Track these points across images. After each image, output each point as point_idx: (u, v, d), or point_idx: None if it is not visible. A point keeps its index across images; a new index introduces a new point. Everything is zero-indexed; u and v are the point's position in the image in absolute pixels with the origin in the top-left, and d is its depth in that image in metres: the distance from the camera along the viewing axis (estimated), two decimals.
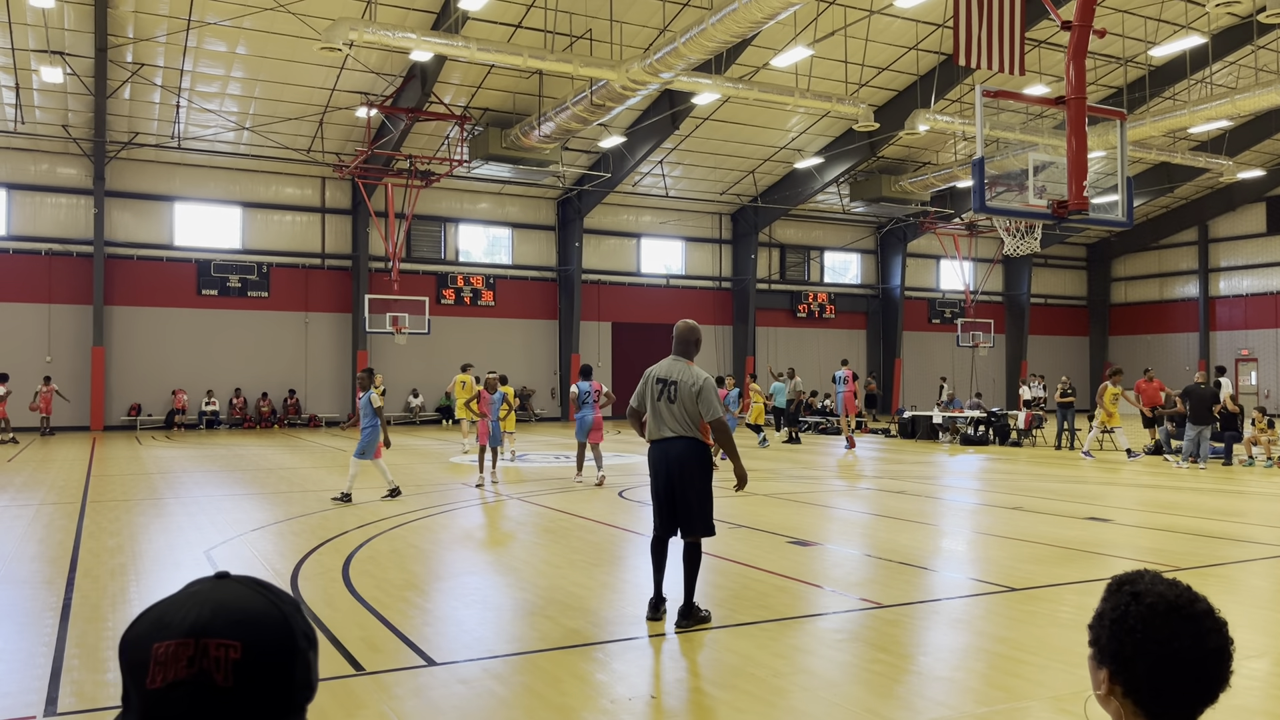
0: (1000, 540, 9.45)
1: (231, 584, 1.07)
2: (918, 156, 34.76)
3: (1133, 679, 1.51)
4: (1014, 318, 43.87)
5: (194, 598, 1.05)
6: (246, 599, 1.05)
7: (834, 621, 6.30)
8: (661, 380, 6.20)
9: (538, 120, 25.85)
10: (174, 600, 1.06)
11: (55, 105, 26.21)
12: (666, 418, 6.14)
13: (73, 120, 26.90)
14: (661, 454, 6.15)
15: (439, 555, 8.68)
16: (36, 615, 6.38)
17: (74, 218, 28.35)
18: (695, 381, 6.12)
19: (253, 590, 1.07)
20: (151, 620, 1.04)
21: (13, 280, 27.60)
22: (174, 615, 1.03)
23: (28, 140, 27.19)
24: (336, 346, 31.74)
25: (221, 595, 1.05)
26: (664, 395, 6.16)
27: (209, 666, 1.00)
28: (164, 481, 14.63)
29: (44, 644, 5.68)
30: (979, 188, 8.03)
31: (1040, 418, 24.16)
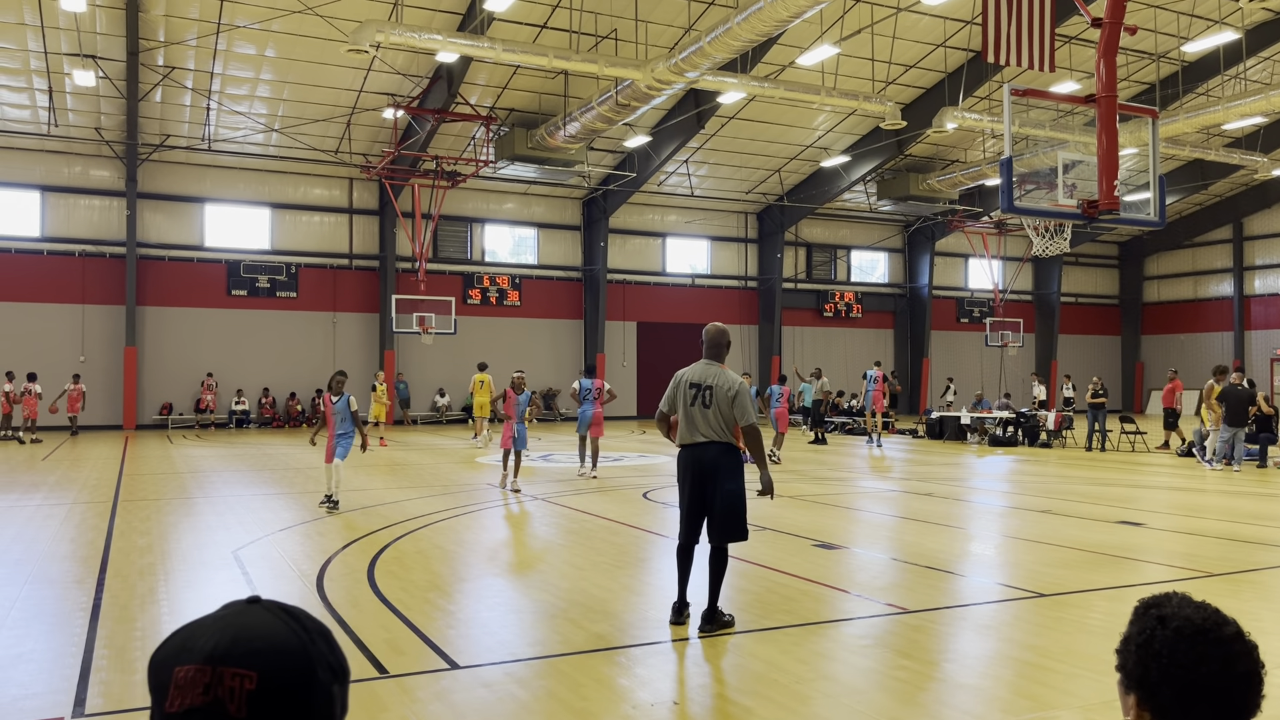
0: (1029, 544, 9.33)
1: (258, 610, 1.06)
2: (946, 154, 34.47)
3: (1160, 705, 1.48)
4: (1044, 317, 43.38)
5: (219, 622, 1.04)
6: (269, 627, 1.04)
7: (859, 627, 6.25)
8: (695, 385, 6.13)
9: (563, 120, 25.89)
10: (201, 623, 1.06)
11: (88, 108, 26.58)
12: (700, 422, 6.07)
13: (105, 123, 27.26)
14: (694, 458, 6.08)
15: (463, 557, 8.71)
16: (67, 615, 6.46)
17: (106, 219, 28.74)
18: (731, 386, 6.08)
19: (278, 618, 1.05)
20: (177, 642, 1.04)
21: (47, 281, 28.02)
22: (198, 639, 1.03)
23: (61, 143, 27.59)
24: (364, 346, 31.96)
25: (245, 621, 1.04)
26: (699, 400, 6.09)
27: (223, 695, 0.99)
28: (194, 481, 14.79)
29: (73, 644, 5.75)
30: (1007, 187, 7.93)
31: (1070, 419, 23.88)
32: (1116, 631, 5.38)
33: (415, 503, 12.06)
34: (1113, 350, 45.96)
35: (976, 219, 37.33)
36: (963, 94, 27.63)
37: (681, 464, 6.18)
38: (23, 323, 27.73)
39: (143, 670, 5.23)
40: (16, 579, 7.56)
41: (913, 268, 41.09)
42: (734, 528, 6.05)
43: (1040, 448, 22.67)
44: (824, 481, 15.20)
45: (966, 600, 7.07)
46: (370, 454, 20.17)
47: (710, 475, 6.03)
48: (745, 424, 6.08)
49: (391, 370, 31.41)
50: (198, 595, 7.12)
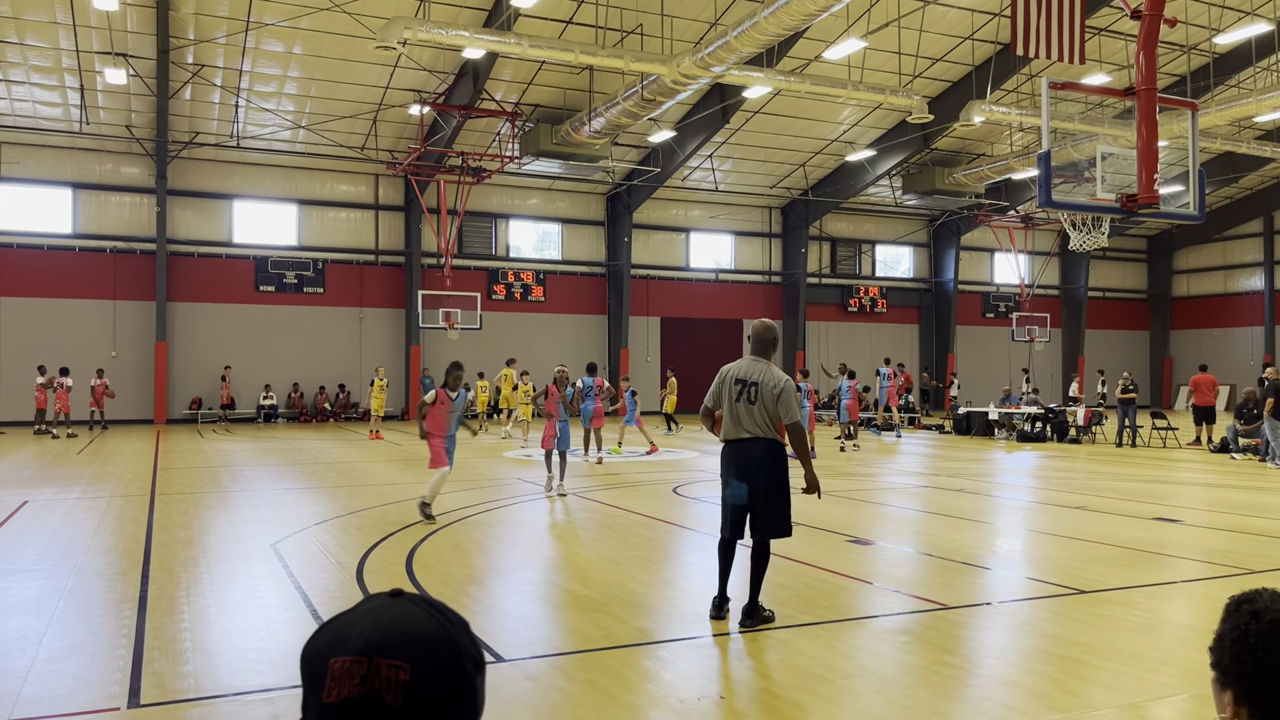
0: (1065, 541, 9.28)
1: (405, 604, 1.09)
2: (972, 148, 34.22)
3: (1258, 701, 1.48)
4: (1071, 312, 43.00)
5: (369, 614, 1.07)
6: (418, 620, 1.07)
7: (897, 622, 6.24)
8: (741, 381, 6.12)
9: (588, 116, 25.91)
10: (351, 615, 1.09)
11: (118, 106, 26.87)
12: (745, 419, 6.07)
13: (135, 121, 27.55)
14: (738, 454, 6.09)
15: (499, 550, 8.77)
16: (116, 607, 6.56)
17: (137, 216, 29.06)
18: (777, 384, 6.07)
19: (424, 611, 1.09)
20: (329, 634, 1.07)
21: (79, 277, 28.37)
22: (351, 631, 1.06)
23: (92, 141, 27.90)
24: (390, 342, 32.15)
25: (394, 614, 1.07)
26: (744, 396, 6.08)
27: (380, 686, 1.02)
28: (228, 475, 14.95)
29: (124, 636, 5.84)
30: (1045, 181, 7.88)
31: (1100, 414, 23.69)
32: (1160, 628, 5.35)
33: (448, 497, 12.12)
34: (1141, 345, 45.50)
35: (1003, 213, 37.03)
36: (990, 87, 27.42)
37: (725, 459, 6.18)
38: (56, 318, 28.10)
39: (193, 661, 5.32)
40: (64, 571, 7.69)
41: (938, 262, 40.83)
42: (777, 524, 6.07)
43: (1069, 443, 22.51)
44: (853, 477, 15.16)
45: (1004, 596, 7.05)
46: (399, 449, 20.32)
47: (754, 471, 6.04)
48: (789, 421, 6.08)
49: (418, 365, 31.58)
50: (241, 587, 7.21)
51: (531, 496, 12.47)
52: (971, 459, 18.65)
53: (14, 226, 27.89)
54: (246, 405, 30.09)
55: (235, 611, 6.47)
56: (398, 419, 31.64)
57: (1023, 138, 33.13)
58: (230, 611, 6.48)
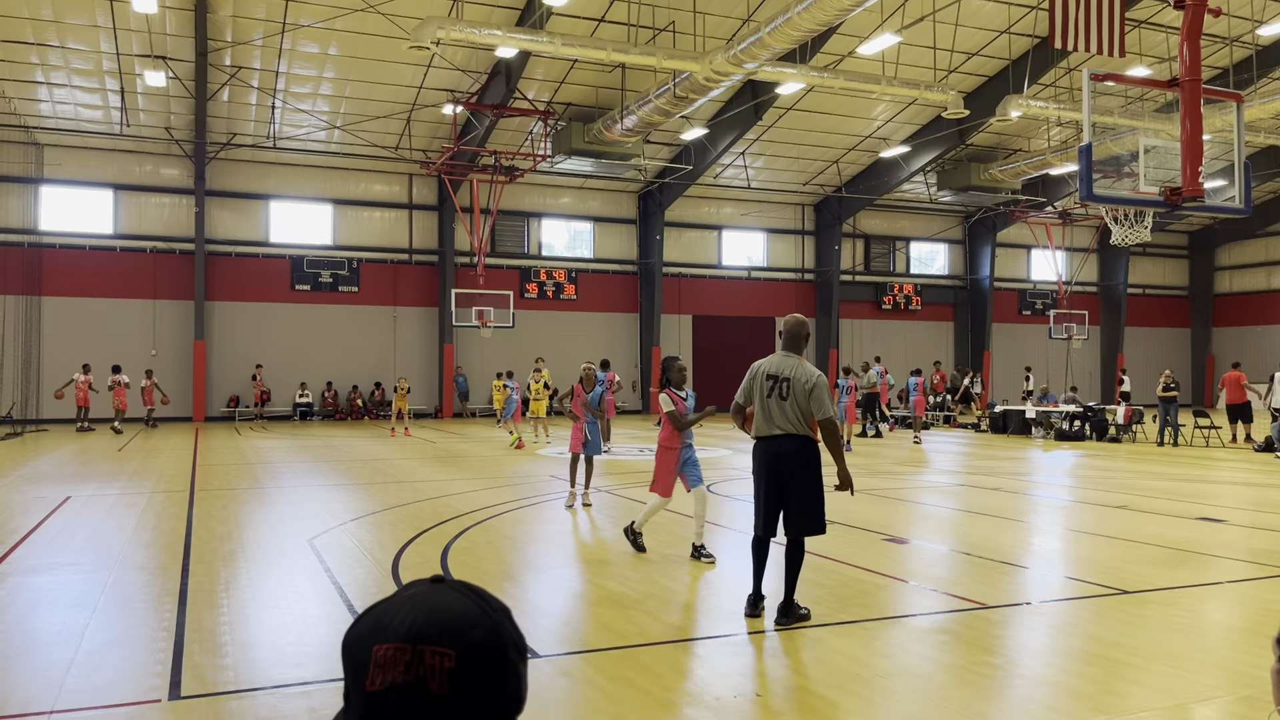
0: (1106, 540, 9.13)
1: (446, 590, 1.08)
2: (1009, 143, 33.82)
3: None
4: (1109, 309, 42.38)
5: (411, 601, 1.06)
6: (461, 606, 1.06)
7: (936, 621, 6.17)
8: (773, 376, 6.08)
9: (620, 114, 25.92)
10: (392, 602, 1.08)
11: (158, 108, 27.28)
12: (777, 415, 6.02)
13: (174, 123, 27.96)
14: (770, 451, 6.05)
15: (532, 547, 8.79)
16: (156, 600, 6.65)
17: (176, 217, 29.50)
18: (809, 379, 6.02)
19: (466, 597, 1.07)
20: (371, 622, 1.06)
21: (121, 277, 28.85)
22: (392, 618, 1.05)
23: (133, 143, 28.36)
24: (424, 340, 32.38)
25: (436, 601, 1.06)
26: (775, 392, 6.04)
27: (425, 673, 1.01)
28: (265, 471, 15.12)
29: (164, 629, 5.91)
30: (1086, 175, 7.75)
31: (1140, 413, 23.32)
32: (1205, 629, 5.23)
33: (481, 494, 12.18)
34: (1182, 343, 44.74)
35: (1040, 209, 36.58)
36: (1027, 81, 27.07)
37: (757, 457, 6.14)
38: (98, 318, 28.60)
39: (232, 654, 5.37)
40: (106, 565, 7.81)
41: (973, 259, 40.41)
42: (811, 522, 6.02)
43: (1109, 442, 22.19)
44: (887, 475, 15.04)
45: (1044, 596, 6.95)
46: (433, 446, 20.46)
47: (787, 468, 6.00)
48: (823, 418, 6.02)
49: (451, 363, 31.78)
50: (279, 582, 7.28)
51: (563, 494, 12.48)
52: (1008, 458, 18.43)
53: (57, 227, 28.43)
54: (282, 403, 30.44)
55: (273, 606, 6.53)
56: (431, 417, 31.87)
57: (1060, 133, 32.68)
58: (268, 606, 6.54)
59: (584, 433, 11.12)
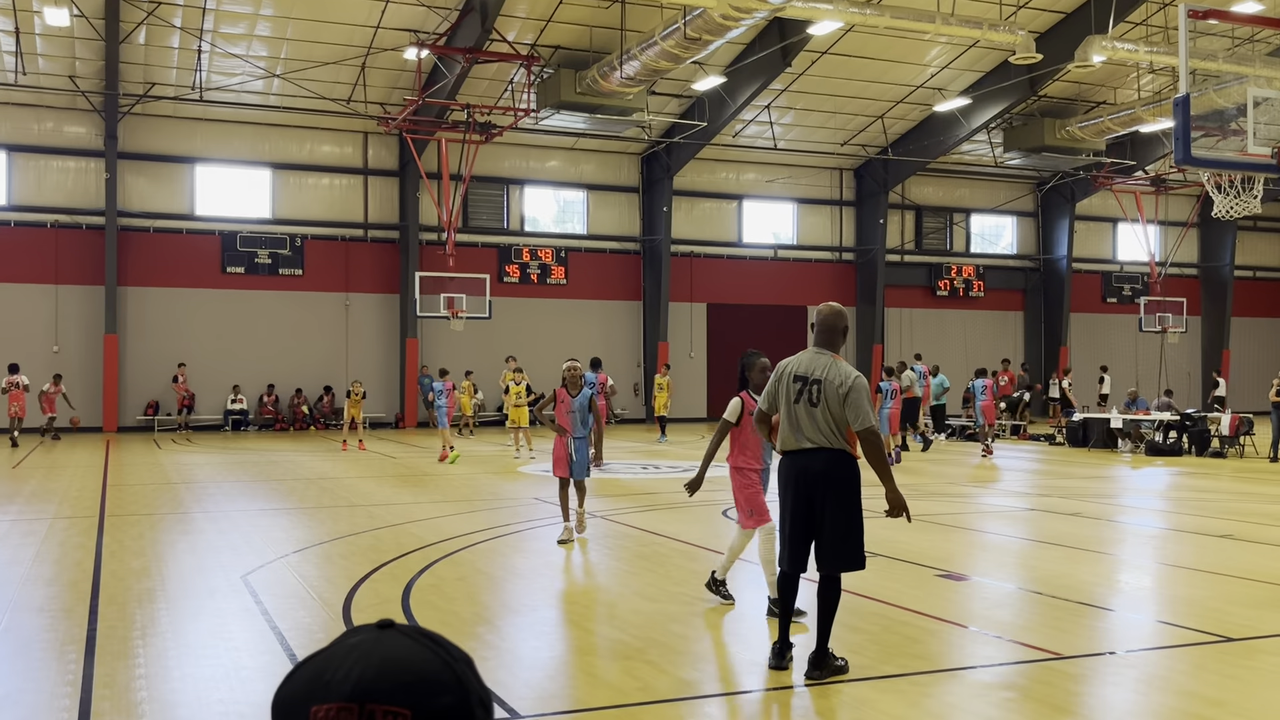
0: (1206, 576, 9.16)
1: (397, 636, 1.09)
2: (1090, 95, 33.81)
3: None
4: (1213, 295, 42.33)
5: (355, 650, 1.07)
6: (415, 656, 1.07)
7: (999, 674, 6.22)
8: (801, 378, 6.06)
9: (619, 59, 25.93)
10: (333, 654, 1.09)
11: (61, 53, 27.34)
12: (806, 425, 6.00)
13: (80, 70, 28.01)
14: (799, 469, 6.02)
15: (513, 584, 8.82)
16: (58, 649, 6.68)
17: (83, 184, 29.55)
18: (844, 381, 5.97)
19: (421, 645, 1.09)
20: (308, 678, 1.07)
21: (16, 257, 28.89)
22: (334, 672, 1.06)
23: (30, 94, 28.42)
24: (382, 333, 32.43)
25: (387, 651, 1.07)
26: (804, 396, 6.01)
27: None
28: (189, 493, 15.17)
29: (68, 683, 5.95)
30: (1182, 133, 7.76)
31: (1249, 422, 23.34)
32: None
33: (451, 520, 12.22)
34: None
35: (1128, 174, 36.53)
36: (1113, 19, 27.03)
37: (784, 475, 6.13)
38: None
39: (150, 714, 5.40)
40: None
41: (1047, 235, 40.36)
42: (848, 554, 6.01)
43: (1212, 457, 22.21)
44: (944, 498, 15.07)
45: (1131, 644, 6.98)
46: (392, 462, 20.50)
47: (819, 489, 5.97)
48: (862, 428, 5.95)
49: (414, 362, 31.82)
50: (206, 626, 7.31)
51: (550, 520, 12.52)
52: (1089, 476, 18.45)
53: None
54: (211, 410, 30.51)
55: (199, 655, 6.57)
56: (391, 427, 31.92)
57: (1153, 81, 32.64)
58: (193, 655, 6.57)
59: (569, 450, 10.54)
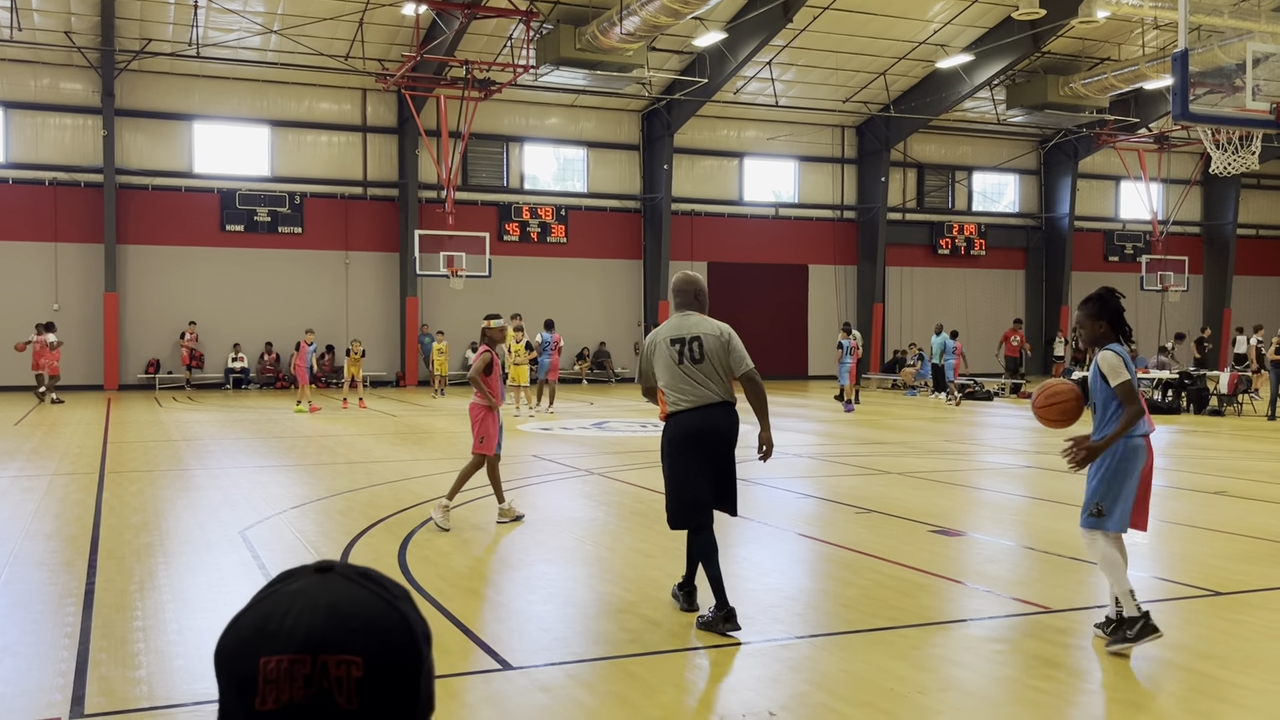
0: (1199, 532, 9.20)
1: (339, 580, 1.09)
2: (1094, 51, 33.52)
3: None
4: (1215, 254, 42.21)
5: (300, 598, 1.07)
6: (360, 600, 1.07)
7: (990, 628, 6.26)
8: (678, 340, 6.28)
9: (619, 15, 25.71)
10: (276, 601, 1.08)
11: (56, 8, 27.11)
12: (701, 380, 6.22)
13: (77, 26, 27.79)
14: (701, 425, 6.21)
15: (508, 540, 8.87)
16: (56, 602, 6.74)
17: (80, 141, 29.41)
18: (721, 332, 6.32)
19: (364, 588, 1.09)
20: (254, 626, 1.06)
21: (15, 215, 28.82)
22: (281, 622, 1.05)
23: (26, 50, 28.20)
24: (382, 292, 32.41)
25: (333, 596, 1.07)
26: (685, 357, 6.23)
27: (329, 687, 1.02)
28: (189, 450, 15.23)
29: (66, 635, 6.00)
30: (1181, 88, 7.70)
31: (1248, 380, 23.36)
32: None
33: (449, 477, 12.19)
34: None
35: (1132, 132, 36.31)
36: None
37: (684, 432, 6.22)
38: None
39: (147, 665, 5.45)
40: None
41: (1050, 194, 40.20)
42: (735, 498, 6.38)
43: (1210, 415, 22.26)
44: (940, 455, 15.12)
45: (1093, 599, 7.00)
46: (392, 420, 20.55)
47: (721, 442, 6.25)
48: (745, 371, 6.27)
49: (414, 320, 31.82)
50: (204, 580, 7.37)
51: (548, 476, 12.58)
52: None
53: None
54: (212, 369, 30.56)
55: (196, 609, 6.62)
56: (391, 385, 31.98)
57: (1157, 37, 32.37)
58: (190, 609, 6.63)
59: (499, 423, 9.59)
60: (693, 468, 6.21)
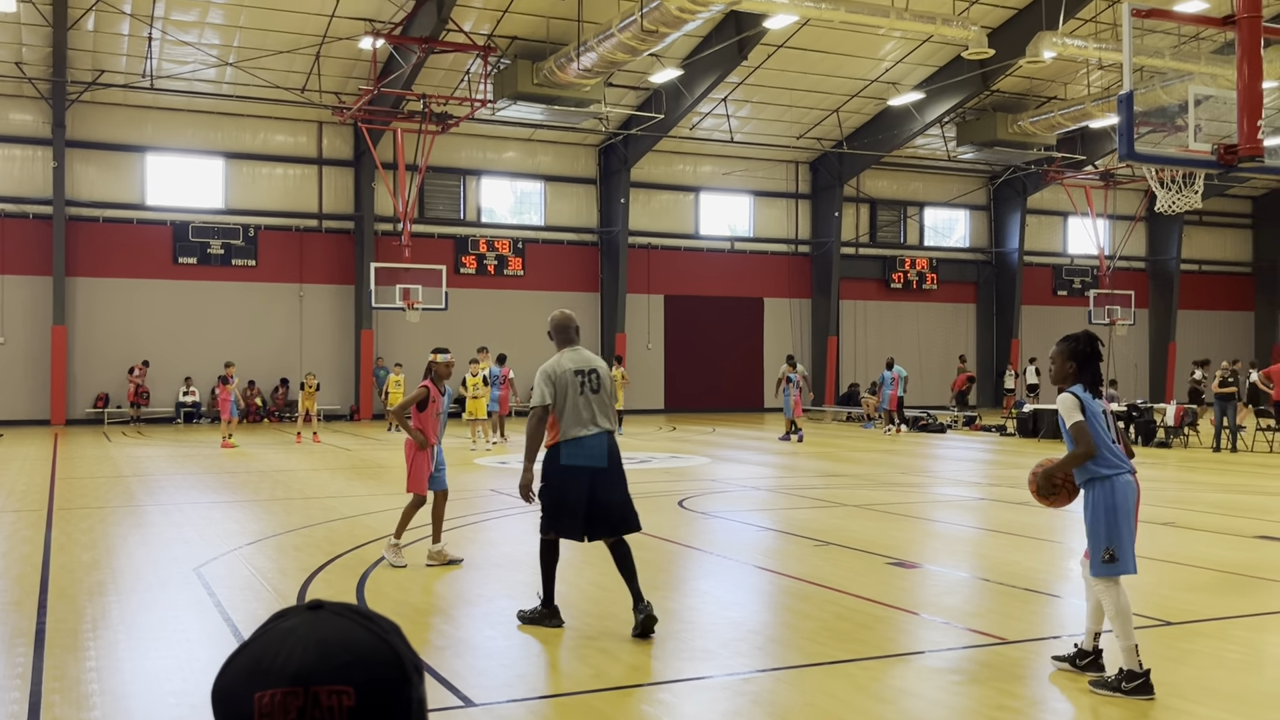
0: (1149, 563, 9.28)
1: (329, 616, 1.12)
2: (1041, 90, 34.22)
3: None
4: (1160, 288, 43.04)
5: (292, 634, 1.10)
6: (352, 635, 1.10)
7: (947, 659, 6.32)
8: (579, 372, 6.89)
9: (576, 50, 25.90)
10: (267, 639, 1.11)
11: (7, 39, 26.83)
12: (598, 408, 6.87)
13: (27, 56, 27.51)
14: (594, 450, 6.80)
15: (467, 575, 8.83)
16: (6, 643, 6.62)
17: (30, 173, 29.06)
18: (606, 369, 7.11)
19: (354, 622, 1.12)
20: (247, 665, 1.10)
21: None
22: (273, 658, 1.08)
23: None
24: (337, 324, 32.20)
25: (323, 632, 1.10)
26: (586, 386, 6.86)
27: (322, 717, 1.05)
28: (141, 485, 15.02)
29: (18, 676, 5.90)
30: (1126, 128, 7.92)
31: (1193, 413, 23.78)
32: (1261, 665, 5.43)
33: None
34: (1244, 328, 45.57)
35: (1078, 169, 37.04)
36: (1063, 15, 27.38)
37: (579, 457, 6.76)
38: None
39: (101, 706, 5.37)
40: None
41: (999, 229, 40.83)
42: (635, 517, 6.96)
43: (1158, 448, 22.61)
44: (896, 488, 15.24)
45: (1076, 629, 7.09)
46: (347, 454, 20.38)
47: (611, 466, 6.83)
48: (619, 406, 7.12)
49: (369, 353, 31.63)
50: (158, 618, 7.26)
51: (506, 510, 12.53)
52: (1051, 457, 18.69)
53: None
54: (163, 403, 30.15)
55: (151, 647, 6.53)
56: (345, 419, 31.72)
57: (1102, 77, 33.13)
58: (145, 647, 6.54)
59: (433, 459, 9.29)
60: (581, 488, 6.77)
